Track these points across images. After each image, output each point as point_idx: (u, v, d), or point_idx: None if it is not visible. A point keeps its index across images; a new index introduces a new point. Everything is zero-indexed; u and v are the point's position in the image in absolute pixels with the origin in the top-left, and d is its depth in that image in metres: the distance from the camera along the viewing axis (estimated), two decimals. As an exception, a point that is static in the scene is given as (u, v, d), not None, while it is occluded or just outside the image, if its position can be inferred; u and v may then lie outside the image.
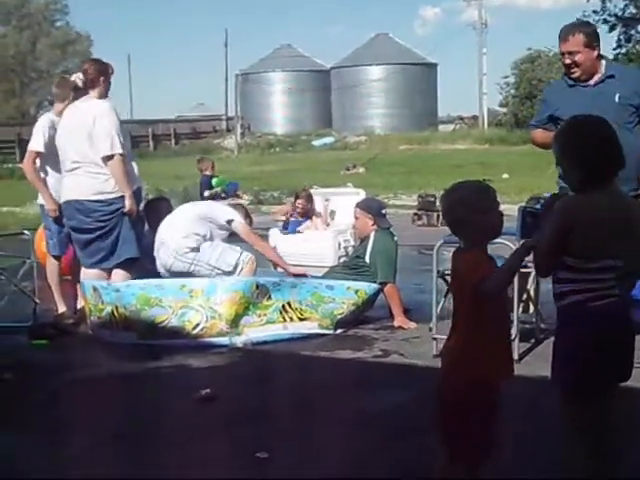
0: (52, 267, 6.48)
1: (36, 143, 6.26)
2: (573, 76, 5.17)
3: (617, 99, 5.04)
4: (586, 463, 3.04)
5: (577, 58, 5.08)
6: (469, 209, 3.03)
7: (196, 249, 6.27)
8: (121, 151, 5.93)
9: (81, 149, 5.95)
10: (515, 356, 5.06)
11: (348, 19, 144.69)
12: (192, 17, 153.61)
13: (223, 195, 9.86)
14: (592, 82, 5.13)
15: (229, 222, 6.50)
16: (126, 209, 5.98)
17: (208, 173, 11.23)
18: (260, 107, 51.58)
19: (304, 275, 6.53)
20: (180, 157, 17.54)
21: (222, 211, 6.66)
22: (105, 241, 6.02)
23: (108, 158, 5.90)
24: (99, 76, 6.12)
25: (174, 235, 6.33)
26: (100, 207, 5.96)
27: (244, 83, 51.98)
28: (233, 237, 6.66)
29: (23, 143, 38.36)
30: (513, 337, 5.08)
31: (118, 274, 6.08)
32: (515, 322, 5.12)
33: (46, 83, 53.34)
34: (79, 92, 6.12)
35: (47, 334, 6.01)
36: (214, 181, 10.66)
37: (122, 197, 5.96)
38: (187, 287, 5.82)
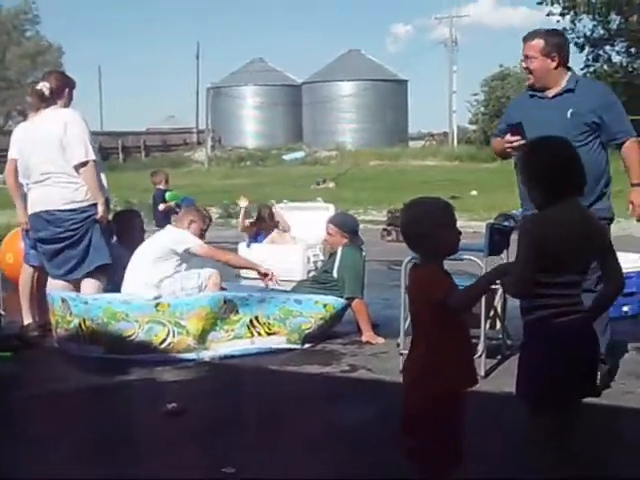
0: (26, 277, 6.36)
1: (14, 151, 6.23)
2: (528, 83, 5.07)
3: (569, 115, 4.83)
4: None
5: (532, 64, 4.92)
6: (433, 224, 3.08)
7: (158, 290, 6.14)
8: (94, 158, 5.95)
9: (51, 158, 5.90)
10: (481, 372, 5.10)
11: (320, 34, 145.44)
12: (164, 30, 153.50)
13: (177, 210, 9.62)
14: (550, 94, 4.95)
15: (186, 251, 6.33)
16: (98, 216, 5.97)
17: (162, 187, 11.05)
18: (231, 120, 51.59)
19: (271, 276, 6.47)
20: (150, 169, 17.42)
21: (176, 243, 6.31)
22: (76, 249, 5.98)
23: (82, 165, 5.88)
24: (64, 87, 6.14)
25: (137, 285, 6.18)
26: (71, 216, 5.93)
27: (215, 96, 51.97)
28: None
29: (-9, 153, 38.10)
30: (480, 353, 5.11)
31: (88, 283, 6.03)
32: (482, 338, 5.15)
33: (16, 93, 52.95)
34: (46, 101, 6.05)
35: (12, 346, 5.94)
36: (167, 195, 10.40)
37: (93, 205, 5.95)
38: (153, 301, 5.79)
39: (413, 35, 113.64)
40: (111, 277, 6.28)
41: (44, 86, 6.04)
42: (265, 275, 6.42)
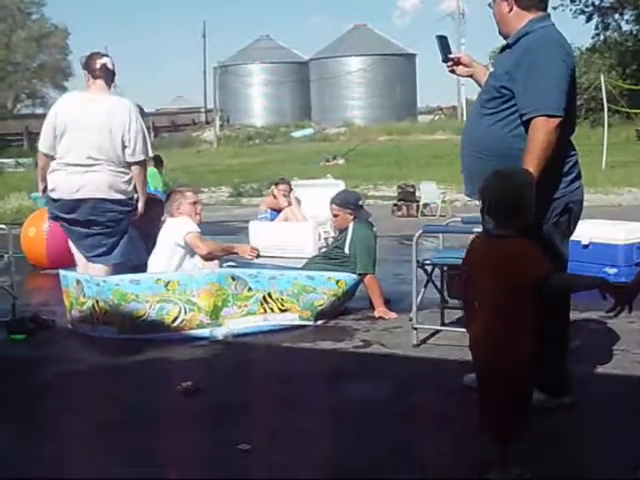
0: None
1: (56, 123, 5.89)
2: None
3: (487, 75, 4.15)
4: None
5: (492, 9, 4.11)
6: (532, 196, 3.11)
7: None
8: (151, 154, 5.94)
9: (106, 147, 5.70)
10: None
11: (327, 10, 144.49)
12: (170, 9, 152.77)
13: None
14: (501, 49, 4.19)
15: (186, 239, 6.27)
16: (138, 211, 5.99)
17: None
18: (239, 99, 51.48)
19: (256, 251, 6.41)
20: (159, 150, 17.46)
21: (174, 234, 6.18)
22: (110, 238, 5.92)
23: (140, 162, 5.82)
24: (114, 73, 5.98)
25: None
26: (116, 206, 5.84)
27: (223, 75, 51.84)
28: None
29: None
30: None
31: (97, 269, 6.03)
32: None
33: (23, 76, 53.00)
34: (107, 77, 5.84)
35: (26, 329, 5.97)
36: None
37: (134, 198, 5.94)
38: (162, 280, 5.79)
39: (420, 8, 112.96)
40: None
41: (107, 61, 5.85)
42: (237, 253, 6.38)
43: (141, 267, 6.23)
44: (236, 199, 17.95)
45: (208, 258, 6.17)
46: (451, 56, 4.30)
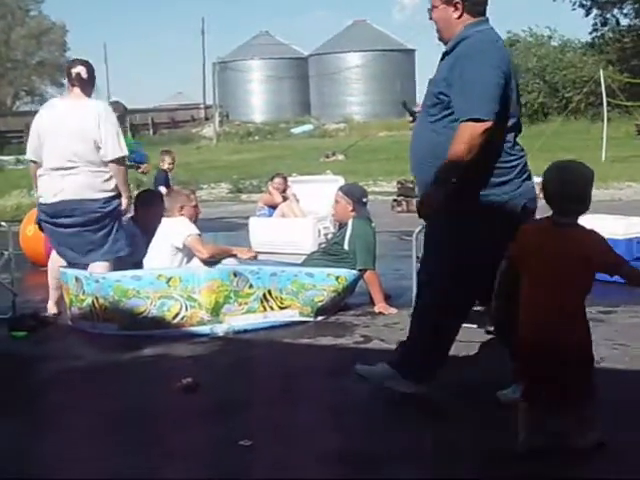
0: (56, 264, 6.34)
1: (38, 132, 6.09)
2: (437, 38, 4.11)
3: (428, 82, 4.10)
4: None
5: (434, 15, 4.01)
6: (592, 185, 3.38)
7: None
8: (127, 152, 6.01)
9: (82, 149, 5.83)
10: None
11: (326, 5, 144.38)
12: (169, 5, 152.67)
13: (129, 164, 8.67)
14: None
15: (184, 243, 6.31)
16: (123, 207, 6.03)
17: (165, 168, 10.59)
18: (238, 95, 51.43)
19: (255, 257, 6.50)
20: (159, 146, 17.48)
21: (174, 236, 6.25)
22: (96, 235, 5.94)
23: (116, 160, 5.89)
24: (92, 79, 6.08)
25: None
26: (98, 205, 5.89)
27: (222, 71, 51.79)
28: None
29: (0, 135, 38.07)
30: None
31: (95, 267, 6.03)
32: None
33: (22, 74, 52.96)
34: (82, 85, 5.97)
35: (27, 326, 5.98)
36: None
37: (118, 196, 5.98)
38: (164, 276, 5.79)
39: (419, 3, 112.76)
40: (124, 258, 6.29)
41: (82, 70, 5.99)
42: (235, 255, 6.42)
43: (141, 264, 6.24)
44: (235, 195, 17.92)
45: (208, 262, 6.18)
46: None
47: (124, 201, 6.04)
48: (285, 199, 9.70)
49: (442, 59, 4.01)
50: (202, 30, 52.44)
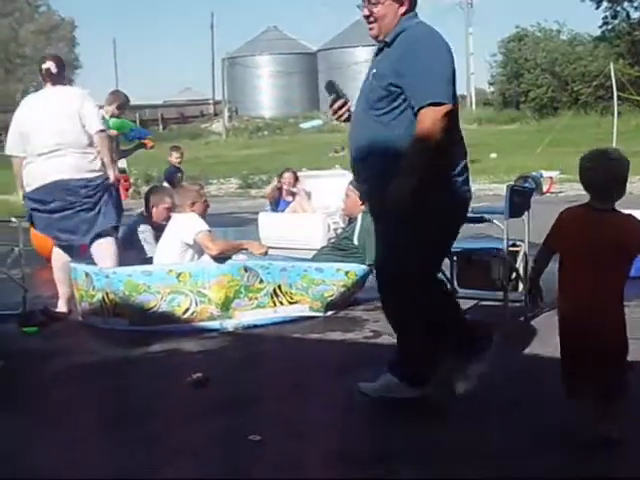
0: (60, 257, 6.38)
1: (19, 128, 6.25)
2: (370, 33, 3.98)
3: (371, 76, 3.94)
4: None
5: (377, 10, 3.88)
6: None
7: None
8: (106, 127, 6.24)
9: (67, 128, 5.99)
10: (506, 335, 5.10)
11: (334, 0, 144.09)
12: (178, 0, 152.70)
13: (123, 148, 8.46)
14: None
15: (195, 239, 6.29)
16: (111, 180, 6.13)
17: (175, 163, 10.57)
18: (247, 91, 51.43)
19: (266, 252, 6.49)
20: (168, 142, 17.54)
21: (184, 233, 6.21)
22: (88, 214, 6.07)
23: (101, 131, 6.06)
24: (62, 71, 6.26)
25: None
26: (86, 184, 6.03)
27: (231, 67, 51.79)
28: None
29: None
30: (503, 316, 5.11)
31: (104, 245, 6.09)
32: (505, 301, 5.14)
33: (31, 69, 53.03)
34: (53, 79, 6.18)
35: (37, 321, 6.00)
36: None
37: (104, 176, 6.09)
38: (174, 271, 5.81)
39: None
40: (132, 255, 6.32)
41: (51, 65, 6.15)
42: (246, 249, 6.42)
43: (151, 260, 6.26)
44: (245, 190, 17.97)
45: (218, 258, 6.17)
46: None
47: (111, 173, 6.12)
48: (294, 194, 9.68)
49: (377, 53, 3.98)
50: (211, 25, 52.54)
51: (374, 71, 3.89)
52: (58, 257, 6.33)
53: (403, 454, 3.54)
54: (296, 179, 9.85)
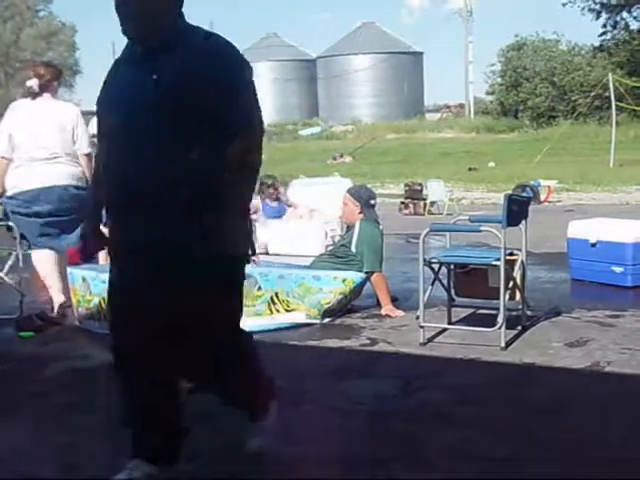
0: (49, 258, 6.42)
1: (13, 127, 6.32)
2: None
3: (157, 84, 3.06)
4: None
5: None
6: None
7: None
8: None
9: (63, 142, 6.16)
10: (502, 343, 5.10)
11: (334, 8, 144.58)
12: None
13: None
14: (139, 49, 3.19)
15: None
16: None
17: None
18: (246, 97, 51.46)
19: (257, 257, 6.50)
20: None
21: None
22: (73, 223, 6.09)
23: (88, 154, 6.22)
24: (53, 80, 6.35)
25: None
26: (78, 192, 6.15)
27: (230, 73, 51.82)
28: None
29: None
30: (500, 325, 5.11)
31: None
32: (502, 309, 5.14)
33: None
34: (35, 96, 6.26)
35: (34, 326, 6.00)
36: None
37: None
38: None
39: (428, 6, 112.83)
40: None
41: (34, 83, 6.25)
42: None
43: None
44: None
45: None
46: None
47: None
48: (279, 200, 9.77)
49: (148, 53, 3.15)
50: (211, 32, 52.57)
51: (157, 75, 3.11)
52: (41, 262, 6.35)
53: (403, 458, 3.55)
54: (276, 189, 9.94)
